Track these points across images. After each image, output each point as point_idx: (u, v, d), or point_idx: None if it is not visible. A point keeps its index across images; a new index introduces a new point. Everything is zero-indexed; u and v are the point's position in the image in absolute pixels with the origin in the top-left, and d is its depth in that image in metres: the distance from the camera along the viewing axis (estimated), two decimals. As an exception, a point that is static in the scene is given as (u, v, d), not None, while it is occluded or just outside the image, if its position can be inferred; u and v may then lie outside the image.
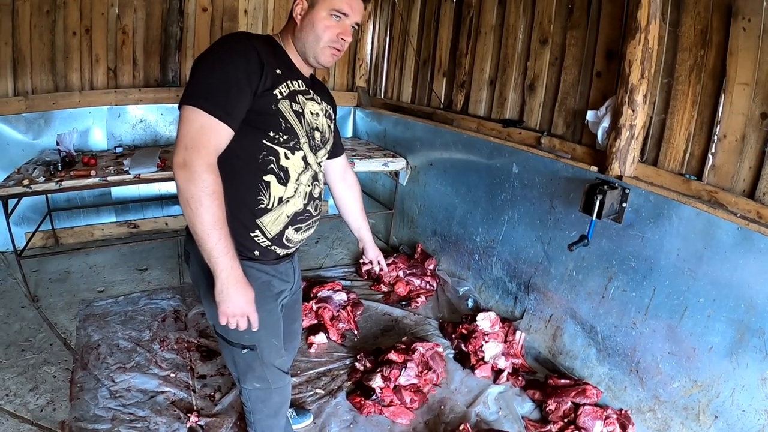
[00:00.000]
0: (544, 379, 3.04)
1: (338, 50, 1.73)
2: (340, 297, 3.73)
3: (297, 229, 1.82)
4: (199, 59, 1.56)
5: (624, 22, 2.73)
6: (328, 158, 2.10)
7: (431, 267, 4.31)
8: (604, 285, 2.89)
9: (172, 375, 2.99)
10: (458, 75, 4.21)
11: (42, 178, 3.52)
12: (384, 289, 4.14)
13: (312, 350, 3.32)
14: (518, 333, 3.31)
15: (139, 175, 3.77)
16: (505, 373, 3.08)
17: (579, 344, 3.05)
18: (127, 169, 3.81)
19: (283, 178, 1.69)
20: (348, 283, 4.23)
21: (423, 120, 4.56)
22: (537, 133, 3.42)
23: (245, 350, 1.83)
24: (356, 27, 1.75)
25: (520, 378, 3.08)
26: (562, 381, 2.92)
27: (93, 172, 3.65)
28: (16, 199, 3.63)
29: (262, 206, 1.69)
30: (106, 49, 4.63)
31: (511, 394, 3.01)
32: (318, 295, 3.71)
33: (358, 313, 3.72)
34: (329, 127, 1.92)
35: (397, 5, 5.04)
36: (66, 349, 3.19)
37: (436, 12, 4.51)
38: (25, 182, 3.42)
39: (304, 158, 1.75)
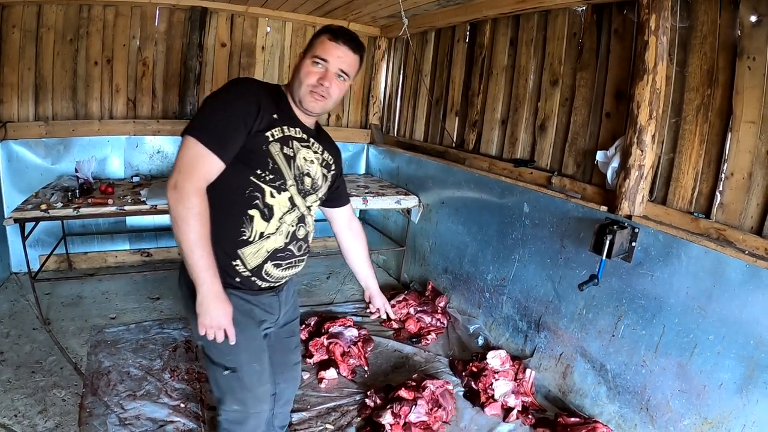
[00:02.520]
0: (554, 417, 3.01)
1: (322, 96, 1.83)
2: (351, 333, 3.72)
3: (277, 266, 1.89)
4: (207, 98, 1.76)
5: (632, 63, 2.81)
6: (332, 207, 2.28)
7: (442, 304, 4.31)
8: (614, 323, 2.89)
9: (182, 405, 2.98)
10: (470, 114, 4.29)
11: (59, 204, 3.60)
12: (395, 325, 4.13)
13: (322, 385, 3.30)
14: (528, 371, 3.30)
15: (156, 206, 3.83)
16: (514, 411, 3.05)
17: (589, 382, 3.03)
18: (144, 199, 3.88)
19: (267, 215, 1.80)
20: (359, 319, 4.22)
21: (435, 158, 4.63)
22: (548, 172, 3.47)
23: (227, 371, 1.88)
24: (344, 76, 1.86)
25: (529, 416, 3.05)
26: (572, 419, 2.89)
27: (110, 201, 3.72)
28: (33, 223, 3.69)
29: (244, 238, 1.79)
30: (127, 79, 4.78)
31: (521, 432, 2.99)
32: (329, 330, 3.71)
33: (369, 349, 3.71)
34: (324, 176, 2.02)
35: (410, 44, 5.18)
36: (76, 373, 3.20)
37: (449, 52, 4.64)
38: (43, 207, 3.49)
39: (291, 199, 1.85)
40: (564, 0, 3.21)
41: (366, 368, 3.53)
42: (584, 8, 3.21)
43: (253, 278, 1.85)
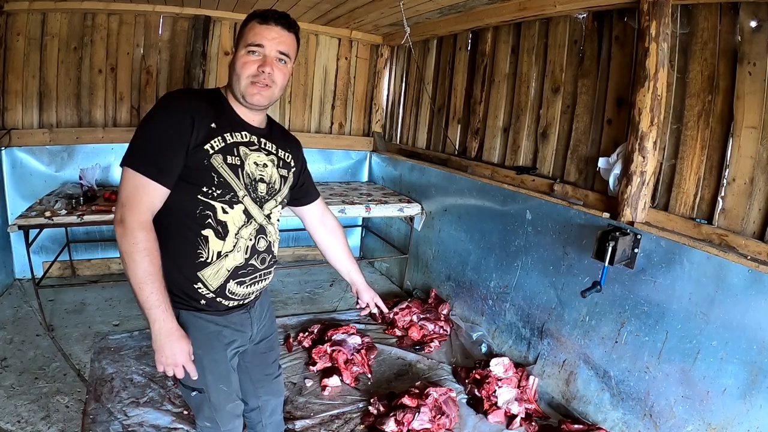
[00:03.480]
0: (558, 424, 3.00)
1: (265, 85, 1.71)
2: (355, 340, 3.72)
3: (240, 283, 1.82)
4: (141, 120, 1.66)
5: (633, 70, 2.83)
6: (300, 205, 2.17)
7: (445, 312, 4.30)
8: (617, 330, 2.89)
9: (185, 412, 2.98)
10: (473, 122, 4.30)
11: (64, 211, 3.62)
12: (398, 333, 4.13)
13: (326, 393, 3.30)
14: (532, 378, 3.29)
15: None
16: (518, 419, 3.05)
17: (592, 389, 3.03)
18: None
19: (222, 233, 1.71)
20: (362, 326, 4.22)
21: (438, 166, 4.64)
22: (550, 180, 3.48)
23: (194, 393, 1.85)
24: (284, 58, 1.73)
25: (533, 423, 3.04)
26: (576, 426, 2.88)
27: (114, 208, 3.71)
28: (37, 230, 3.71)
29: (202, 260, 1.71)
30: (131, 87, 4.81)
31: (524, 439, 2.98)
32: (332, 338, 3.71)
33: (372, 356, 3.71)
34: (282, 177, 1.91)
35: (413, 53, 5.20)
36: (79, 380, 3.21)
37: (451, 60, 4.66)
38: (47, 214, 3.52)
39: (246, 212, 1.76)
40: (565, 8, 3.22)
41: (369, 376, 3.53)
42: (585, 16, 3.23)
43: (218, 299, 1.78)
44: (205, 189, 1.65)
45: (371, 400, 3.12)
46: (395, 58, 5.76)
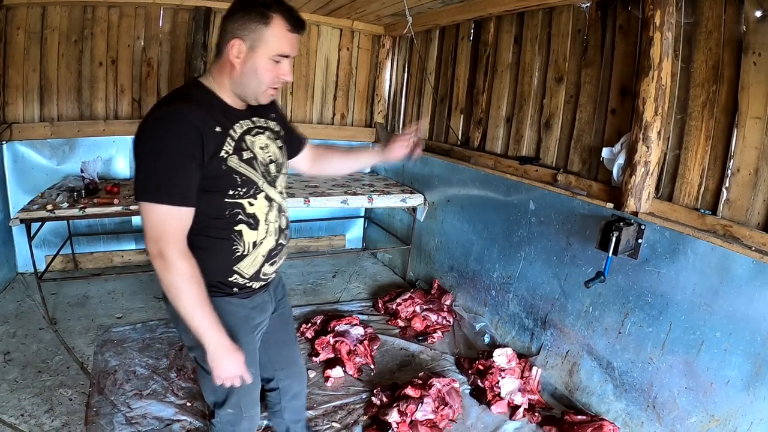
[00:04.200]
0: (561, 415, 3.00)
1: (276, 89, 1.75)
2: (357, 331, 3.72)
3: (272, 264, 1.89)
4: (137, 144, 1.56)
5: (637, 59, 2.79)
6: (294, 156, 2.18)
7: (448, 302, 4.30)
8: (620, 321, 2.88)
9: (189, 404, 2.99)
10: (475, 112, 4.28)
11: (65, 204, 3.60)
12: (401, 324, 4.13)
13: (328, 384, 3.31)
14: (535, 369, 3.29)
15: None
16: (521, 409, 3.05)
17: (596, 380, 3.02)
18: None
19: (254, 224, 1.76)
20: (365, 317, 4.22)
21: (440, 156, 4.62)
22: (553, 170, 3.46)
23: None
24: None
25: (536, 414, 3.04)
26: (579, 417, 2.89)
27: (116, 201, 3.73)
28: (39, 223, 3.72)
29: (239, 254, 1.76)
30: (131, 80, 4.78)
31: (528, 430, 2.98)
32: (335, 329, 3.71)
33: (375, 347, 3.71)
34: (280, 149, 1.92)
35: (415, 43, 5.16)
36: (83, 372, 3.22)
37: (454, 50, 4.62)
38: (49, 207, 3.51)
39: (267, 197, 1.79)
40: (568, -4, 3.20)
41: (372, 366, 3.53)
42: (588, 5, 3.20)
43: (250, 283, 1.84)
44: (231, 192, 1.67)
45: (374, 391, 3.13)
46: (397, 48, 5.72)
